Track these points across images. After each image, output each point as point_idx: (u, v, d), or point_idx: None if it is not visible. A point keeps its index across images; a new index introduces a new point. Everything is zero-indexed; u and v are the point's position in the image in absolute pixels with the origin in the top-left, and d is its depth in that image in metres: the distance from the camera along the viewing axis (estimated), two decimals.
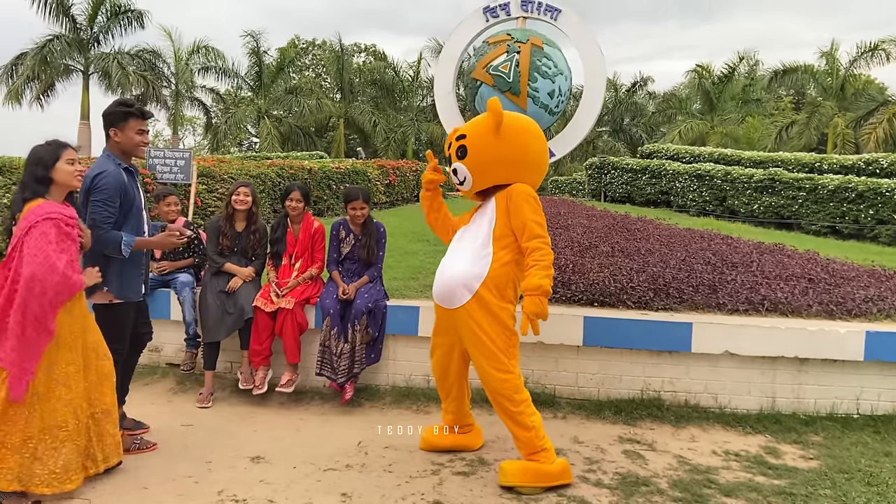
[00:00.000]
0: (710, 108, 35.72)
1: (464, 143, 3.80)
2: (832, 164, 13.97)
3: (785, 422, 4.65)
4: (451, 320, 3.82)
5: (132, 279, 3.88)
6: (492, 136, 3.72)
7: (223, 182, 9.40)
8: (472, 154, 3.78)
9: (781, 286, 5.44)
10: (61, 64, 27.73)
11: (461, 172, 3.84)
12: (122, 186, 3.70)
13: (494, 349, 3.61)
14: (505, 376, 3.60)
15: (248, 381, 4.94)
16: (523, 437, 3.62)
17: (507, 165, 3.79)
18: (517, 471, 3.58)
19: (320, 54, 45.01)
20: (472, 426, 4.20)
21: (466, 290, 3.65)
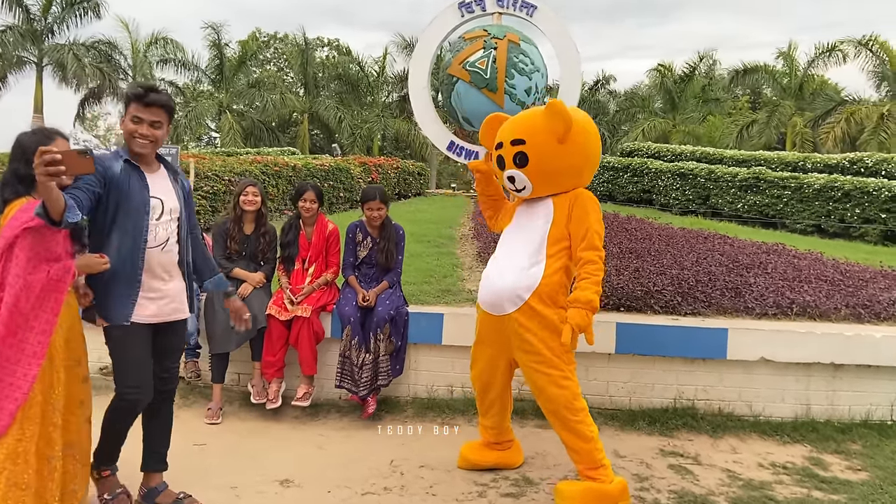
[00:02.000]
0: (672, 106, 36.11)
1: (523, 150, 3.49)
2: (816, 162, 14.14)
3: (821, 430, 4.54)
4: (499, 328, 3.57)
5: (117, 297, 3.07)
6: (557, 143, 3.43)
7: (206, 180, 8.98)
8: (534, 163, 3.48)
9: (805, 289, 5.35)
10: (14, 56, 26.53)
11: (520, 181, 3.54)
12: (107, 174, 2.96)
13: (551, 355, 3.39)
14: (563, 384, 3.39)
15: (260, 394, 4.63)
16: (582, 450, 3.41)
17: (571, 173, 3.55)
18: (576, 493, 3.36)
19: (282, 48, 44.09)
20: (513, 441, 3.97)
21: (518, 298, 3.42)
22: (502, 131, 3.66)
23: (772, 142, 32.16)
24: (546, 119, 3.43)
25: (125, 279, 3.06)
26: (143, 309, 3.10)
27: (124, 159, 3.06)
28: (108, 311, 3.08)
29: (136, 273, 3.07)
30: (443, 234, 9.02)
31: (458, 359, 4.83)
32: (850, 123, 27.78)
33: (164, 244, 3.15)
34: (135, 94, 3.06)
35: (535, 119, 3.53)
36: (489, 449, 3.90)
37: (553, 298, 3.43)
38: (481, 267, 6.71)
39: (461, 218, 11.50)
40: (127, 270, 3.05)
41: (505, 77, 20.62)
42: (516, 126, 3.59)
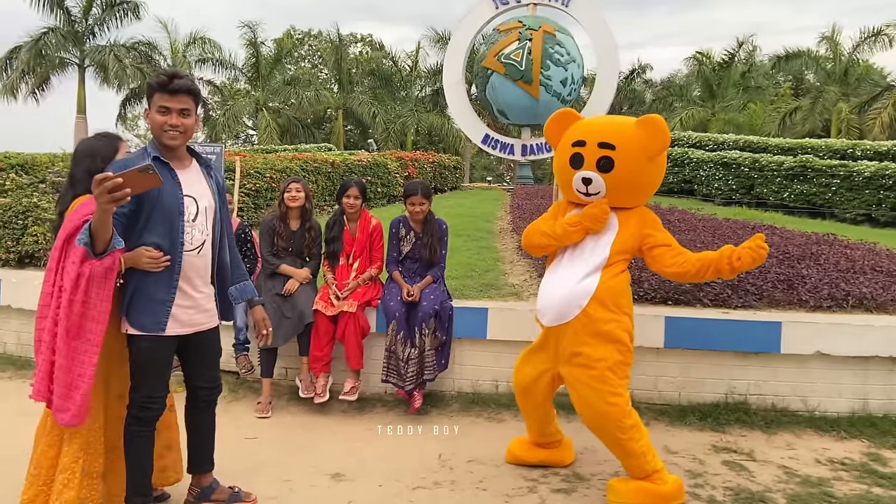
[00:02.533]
0: (711, 95, 35.44)
1: (610, 156, 3.37)
2: (865, 149, 13.72)
3: (879, 425, 4.41)
4: (551, 340, 3.50)
5: (150, 303, 2.87)
6: (646, 159, 3.38)
7: (248, 177, 9.09)
8: (619, 171, 3.37)
9: (861, 280, 5.19)
10: (56, 57, 27.14)
11: (597, 185, 3.42)
12: None
13: (604, 368, 3.29)
14: (613, 400, 3.27)
15: (309, 389, 4.66)
16: (633, 465, 3.35)
17: (647, 190, 3.54)
18: (630, 491, 3.31)
19: (316, 45, 44.42)
20: (561, 441, 3.91)
21: (576, 307, 3.34)
22: (584, 129, 3.52)
23: (816, 129, 31.34)
24: (642, 132, 3.37)
25: (162, 285, 2.86)
26: (174, 320, 2.91)
27: (153, 156, 2.83)
28: (140, 318, 2.87)
29: (174, 279, 2.88)
30: (481, 227, 8.99)
31: (502, 353, 4.81)
32: None
33: (199, 247, 2.96)
34: (158, 82, 2.81)
35: (629, 128, 3.43)
36: (537, 447, 3.87)
37: (615, 302, 3.37)
38: (523, 261, 6.66)
39: (498, 211, 11.46)
40: (163, 276, 2.86)
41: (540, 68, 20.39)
42: (607, 129, 3.48)
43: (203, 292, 3.02)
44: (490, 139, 18.97)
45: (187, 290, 2.94)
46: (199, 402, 3.21)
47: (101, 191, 2.38)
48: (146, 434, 2.96)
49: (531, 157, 19.49)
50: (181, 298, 2.91)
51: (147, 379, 2.92)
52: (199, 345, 3.08)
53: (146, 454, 2.98)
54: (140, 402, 2.92)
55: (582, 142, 3.47)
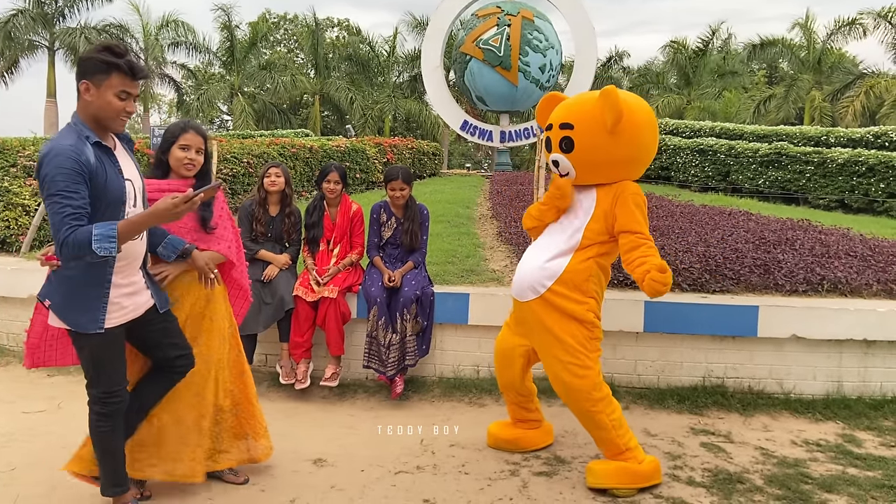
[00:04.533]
0: (687, 82, 35.69)
1: (570, 136, 3.39)
2: (839, 137, 13.89)
3: (854, 407, 4.50)
4: (523, 315, 3.56)
5: (85, 300, 2.63)
6: (606, 133, 3.32)
7: (225, 162, 8.97)
8: (579, 150, 3.39)
9: (836, 265, 5.28)
10: (26, 40, 26.59)
11: (564, 166, 3.47)
12: (87, 168, 2.47)
13: (573, 342, 3.33)
14: (582, 373, 3.32)
15: (289, 375, 4.63)
16: (603, 438, 3.38)
17: (619, 166, 3.44)
18: (609, 472, 3.34)
19: (292, 29, 43.88)
20: (541, 422, 3.94)
21: (539, 286, 3.39)
22: (554, 112, 3.57)
23: (790, 117, 31.73)
24: (597, 106, 3.31)
25: (95, 282, 2.64)
26: (118, 309, 2.71)
27: (94, 141, 2.56)
28: (76, 317, 2.65)
29: (107, 274, 2.65)
30: (461, 213, 8.98)
31: (484, 338, 4.82)
32: (870, 97, 27.33)
33: (142, 234, 2.76)
34: (128, 64, 2.55)
35: (586, 104, 3.41)
36: (515, 427, 3.89)
37: (578, 286, 3.38)
38: (503, 247, 6.67)
39: (478, 198, 11.44)
40: (97, 272, 2.62)
41: (519, 54, 20.47)
42: (568, 109, 3.49)
43: (140, 275, 2.83)
44: (469, 126, 19.03)
45: (126, 278, 2.73)
46: (174, 373, 3.05)
47: (186, 207, 2.48)
48: (112, 427, 2.84)
49: (510, 143, 19.60)
50: (124, 287, 2.72)
51: (103, 373, 2.78)
52: (151, 322, 2.90)
53: (117, 446, 2.89)
54: (100, 397, 2.79)
55: (550, 125, 3.54)
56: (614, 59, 41.32)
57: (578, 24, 16.66)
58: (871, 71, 29.28)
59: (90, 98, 2.55)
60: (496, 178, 14.88)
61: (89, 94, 2.55)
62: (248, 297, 3.60)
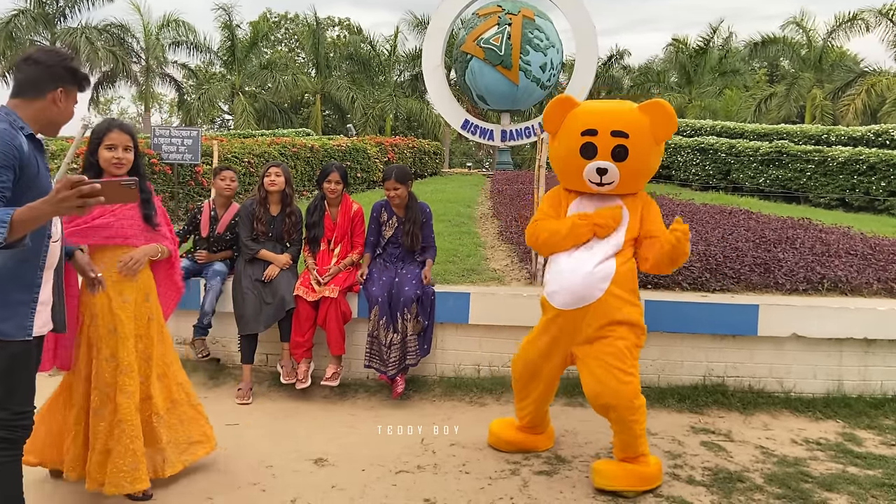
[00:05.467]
0: (688, 81, 35.67)
1: (625, 144, 3.33)
2: (840, 135, 13.88)
3: (854, 405, 4.50)
4: (572, 322, 3.43)
5: (10, 305, 2.39)
6: (653, 143, 3.41)
7: (225, 162, 8.98)
8: (632, 159, 3.35)
9: (836, 264, 5.28)
10: (27, 39, 26.55)
11: (612, 174, 3.38)
12: (19, 154, 2.32)
13: (622, 349, 3.32)
14: (627, 379, 3.31)
15: (290, 375, 4.64)
16: (628, 443, 3.37)
17: (648, 175, 3.60)
18: (619, 474, 3.33)
19: (293, 28, 43.89)
20: (548, 428, 3.93)
21: (597, 290, 3.34)
22: (593, 117, 3.42)
23: (791, 115, 31.70)
24: (649, 118, 3.35)
25: (25, 282, 2.42)
26: (39, 318, 2.49)
27: (28, 133, 2.41)
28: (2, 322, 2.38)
29: (36, 275, 2.46)
30: (462, 213, 8.99)
31: (484, 338, 4.83)
32: (871, 95, 27.31)
33: (59, 238, 2.59)
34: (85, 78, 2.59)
35: (634, 114, 3.39)
36: (519, 431, 3.87)
37: (630, 287, 3.43)
38: (503, 246, 6.68)
39: (478, 197, 11.46)
40: (24, 270, 2.42)
41: (520, 53, 20.43)
42: (619, 116, 3.40)
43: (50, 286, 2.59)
44: (470, 124, 19.02)
45: (47, 282, 2.53)
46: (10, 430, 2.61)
47: (73, 194, 2.01)
48: (14, 460, 2.50)
49: (511, 142, 19.60)
50: (46, 293, 2.53)
51: (16, 391, 2.45)
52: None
53: (16, 483, 2.51)
54: (8, 420, 2.44)
55: (593, 130, 3.37)
56: (615, 58, 41.29)
57: (579, 22, 16.65)
58: (872, 69, 29.25)
59: (54, 105, 2.49)
60: (497, 176, 14.89)
61: (53, 101, 2.48)
62: (181, 291, 3.63)
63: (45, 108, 2.48)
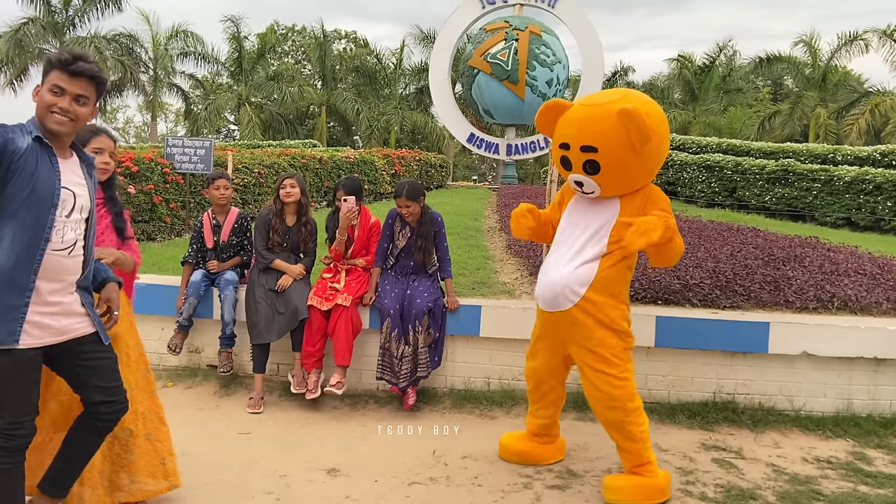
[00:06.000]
0: (692, 97, 35.83)
1: (594, 159, 3.28)
2: (846, 155, 13.96)
3: (863, 425, 4.51)
4: (555, 324, 3.52)
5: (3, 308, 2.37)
6: (632, 153, 3.23)
7: (236, 172, 9.04)
8: (606, 171, 3.31)
9: (846, 283, 5.30)
10: (36, 48, 26.80)
11: (589, 186, 3.41)
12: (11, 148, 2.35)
13: (609, 354, 3.35)
14: (620, 383, 3.34)
15: (300, 384, 4.66)
16: (631, 449, 3.41)
17: (644, 176, 3.44)
18: (629, 489, 3.35)
19: (300, 40, 44.21)
20: (557, 437, 3.95)
21: (573, 294, 3.35)
22: (568, 130, 3.40)
23: (795, 133, 31.82)
24: (622, 128, 3.18)
25: (14, 285, 2.38)
26: (36, 328, 2.44)
27: (35, 135, 2.43)
28: None
29: (28, 280, 2.40)
30: (469, 226, 9.03)
31: (495, 351, 4.85)
32: (875, 115, 27.46)
33: (71, 248, 2.52)
34: (60, 59, 2.44)
35: (606, 124, 3.23)
36: (529, 440, 3.90)
37: (611, 291, 3.38)
38: (512, 259, 6.71)
39: (485, 210, 11.50)
40: (17, 274, 2.38)
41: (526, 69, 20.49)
42: (587, 130, 3.31)
43: (71, 297, 2.58)
44: (475, 138, 19.09)
45: (50, 294, 2.48)
46: (98, 421, 2.70)
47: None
48: (12, 467, 2.50)
49: (516, 156, 19.65)
50: (44, 305, 2.46)
51: (10, 401, 2.45)
52: (74, 353, 2.61)
53: (17, 489, 2.53)
54: (4, 429, 2.45)
55: (566, 144, 3.40)
56: (619, 74, 41.50)
57: (585, 38, 16.74)
58: (876, 89, 29.41)
59: (35, 99, 2.49)
60: (503, 190, 14.95)
61: (36, 96, 2.49)
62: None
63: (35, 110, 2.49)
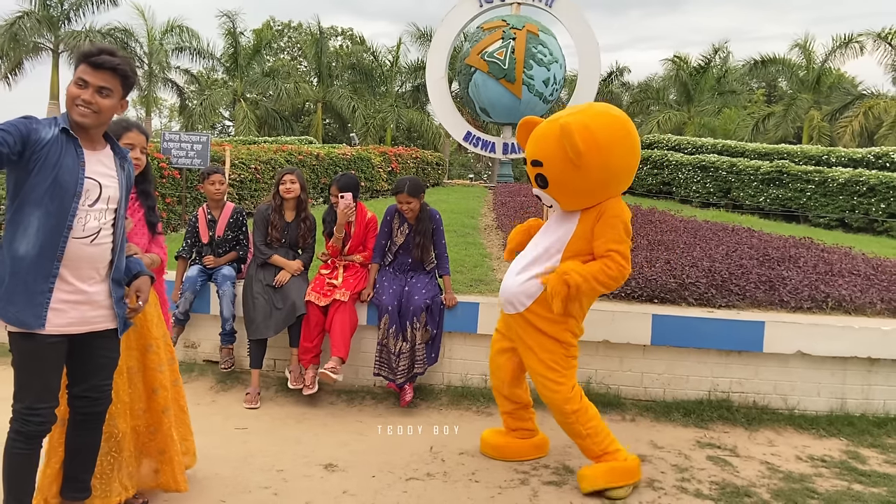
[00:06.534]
0: (687, 98, 35.91)
1: (541, 172, 3.42)
2: (840, 156, 14.03)
3: (857, 424, 4.54)
4: (511, 324, 3.67)
5: (26, 294, 2.45)
6: (571, 167, 3.27)
7: (233, 168, 9.02)
8: (553, 185, 3.41)
9: (840, 283, 5.33)
10: (31, 42, 26.66)
11: (547, 199, 3.53)
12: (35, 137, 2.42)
13: (548, 361, 3.49)
14: (555, 388, 3.47)
15: (297, 380, 4.66)
16: (582, 445, 3.56)
17: (596, 191, 3.39)
18: (598, 474, 3.45)
19: (296, 37, 44.11)
20: (533, 432, 3.97)
21: (519, 303, 3.51)
22: (529, 145, 3.55)
23: (788, 135, 31.94)
24: (557, 138, 3.27)
25: (40, 270, 2.46)
26: (60, 315, 2.51)
27: (61, 127, 2.50)
28: (14, 311, 2.46)
29: (53, 265, 2.47)
30: (466, 224, 9.04)
31: None
32: (868, 118, 27.56)
33: (94, 236, 2.56)
34: (85, 52, 2.51)
35: (549, 139, 3.35)
36: (505, 435, 3.96)
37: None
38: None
39: (482, 208, 11.52)
40: (42, 261, 2.46)
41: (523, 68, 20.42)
42: (536, 144, 3.47)
43: (97, 287, 2.62)
44: (472, 136, 19.05)
45: (74, 281, 2.54)
46: (76, 415, 2.72)
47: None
48: (28, 452, 2.55)
49: (512, 155, 19.62)
50: (66, 290, 2.52)
51: (30, 386, 2.52)
52: (91, 347, 2.64)
53: (26, 475, 2.58)
54: (22, 413, 2.52)
55: (525, 159, 3.61)
56: (615, 75, 41.58)
57: (582, 38, 16.75)
58: (870, 92, 29.53)
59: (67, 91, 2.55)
60: (499, 189, 14.96)
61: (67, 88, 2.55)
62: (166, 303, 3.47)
63: None
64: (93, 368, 2.69)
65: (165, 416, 3.16)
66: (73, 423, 2.75)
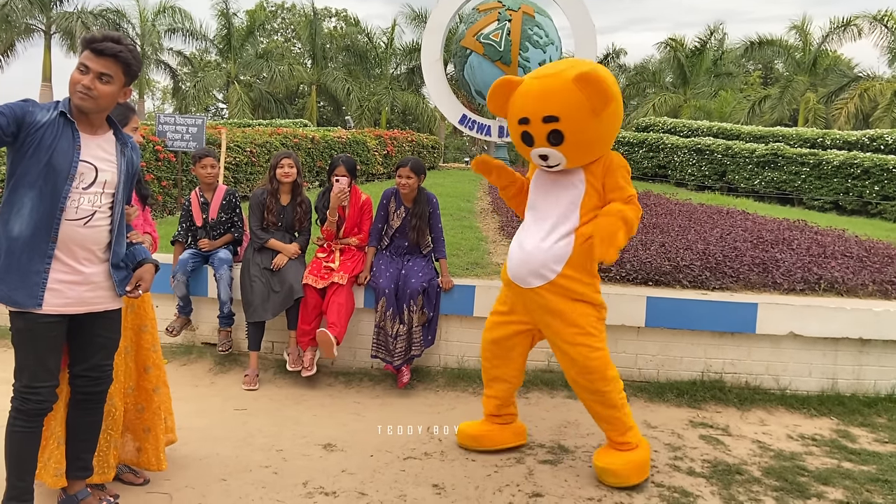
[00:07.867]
0: (683, 81, 35.82)
1: (558, 128, 3.22)
2: (835, 139, 14.07)
3: (848, 404, 4.62)
4: (527, 301, 3.51)
5: (21, 274, 2.51)
6: (591, 117, 3.18)
7: (228, 151, 9.01)
8: (571, 140, 3.27)
9: (832, 265, 5.39)
10: (22, 23, 26.44)
11: (555, 158, 3.35)
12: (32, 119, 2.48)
13: (586, 326, 3.38)
14: (596, 354, 3.37)
15: (296, 362, 4.71)
16: (613, 418, 3.42)
17: (604, 143, 3.39)
18: (630, 472, 3.36)
19: (290, 18, 43.79)
20: (514, 416, 3.91)
21: (550, 271, 3.35)
22: (525, 104, 3.34)
23: (784, 118, 31.96)
24: (581, 93, 3.13)
25: (35, 251, 2.51)
26: (57, 295, 2.56)
27: (60, 111, 2.55)
28: (11, 291, 2.51)
29: (48, 246, 2.52)
30: (462, 207, 9.07)
31: None
32: (864, 100, 27.57)
33: (87, 218, 2.60)
34: (89, 38, 2.55)
35: (567, 92, 3.17)
36: (483, 423, 3.86)
37: (586, 267, 3.41)
38: (505, 241, 6.76)
39: (477, 192, 11.54)
40: (36, 241, 2.51)
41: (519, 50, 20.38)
42: (546, 100, 3.25)
43: (94, 269, 2.66)
44: (467, 119, 19.04)
45: (70, 262, 2.58)
46: (76, 394, 2.79)
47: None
48: (29, 430, 2.62)
49: (507, 138, 19.58)
50: (63, 271, 2.57)
51: (29, 365, 2.58)
52: (91, 327, 2.70)
53: (27, 453, 2.64)
54: (21, 392, 2.59)
55: (526, 119, 3.33)
56: (611, 57, 41.40)
57: (578, 20, 16.70)
58: (865, 74, 29.51)
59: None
60: None
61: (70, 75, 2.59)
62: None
63: None
64: (93, 349, 2.75)
65: (156, 394, 3.23)
66: (73, 403, 2.81)
